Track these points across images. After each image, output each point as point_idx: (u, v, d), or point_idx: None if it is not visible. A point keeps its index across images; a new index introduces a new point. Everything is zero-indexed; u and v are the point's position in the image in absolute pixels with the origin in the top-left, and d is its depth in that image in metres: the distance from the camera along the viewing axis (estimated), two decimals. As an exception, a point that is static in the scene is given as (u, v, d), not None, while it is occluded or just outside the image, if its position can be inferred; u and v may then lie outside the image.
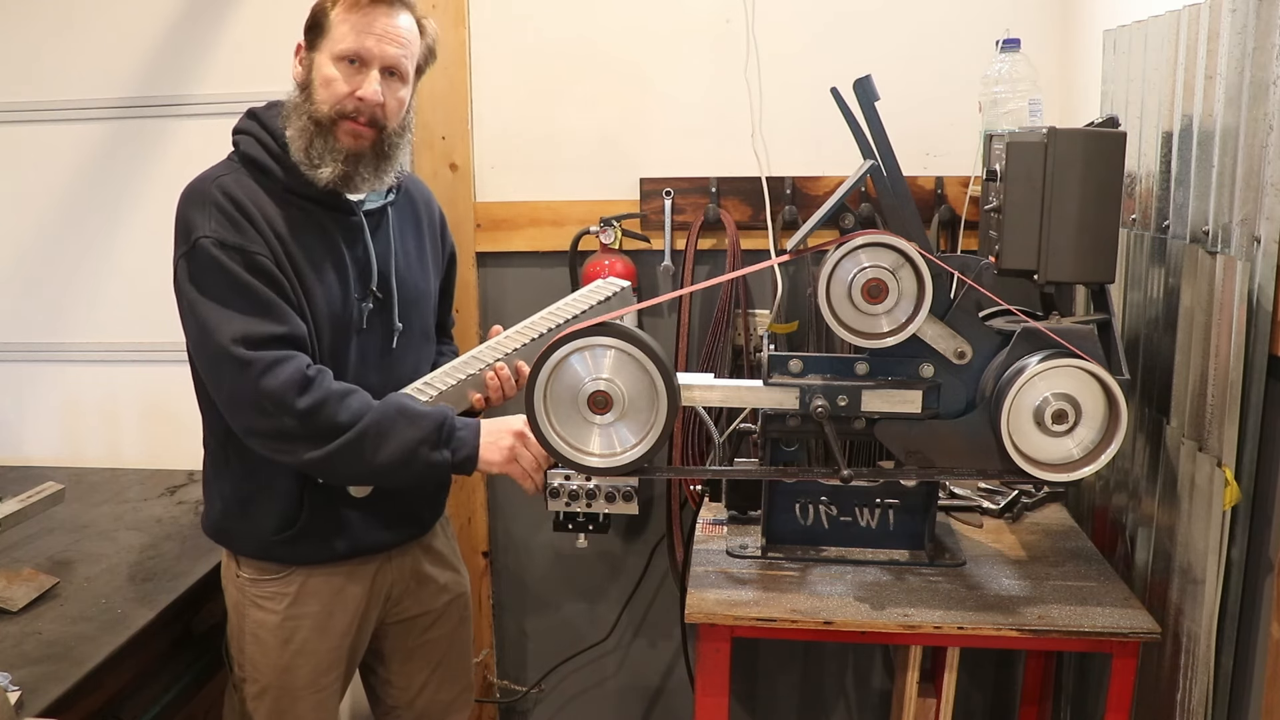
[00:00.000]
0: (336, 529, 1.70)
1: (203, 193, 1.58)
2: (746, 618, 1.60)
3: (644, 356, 1.53)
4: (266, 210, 1.59)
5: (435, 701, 1.94)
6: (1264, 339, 1.41)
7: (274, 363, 1.52)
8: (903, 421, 1.58)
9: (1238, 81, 1.42)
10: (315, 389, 1.53)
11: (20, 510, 1.95)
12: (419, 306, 1.78)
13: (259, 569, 1.73)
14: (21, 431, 2.67)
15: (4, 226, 2.59)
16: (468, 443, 1.60)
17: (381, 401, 1.58)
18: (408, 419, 1.57)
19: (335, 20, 1.58)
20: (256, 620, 1.73)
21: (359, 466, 1.57)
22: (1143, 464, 1.75)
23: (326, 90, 1.59)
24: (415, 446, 1.56)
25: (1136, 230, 1.80)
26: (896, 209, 1.56)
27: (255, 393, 1.52)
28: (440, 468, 1.59)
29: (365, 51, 1.58)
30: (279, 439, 1.55)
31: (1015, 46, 2.07)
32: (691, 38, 2.37)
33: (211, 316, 1.53)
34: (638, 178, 2.42)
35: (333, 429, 1.53)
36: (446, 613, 1.91)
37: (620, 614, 2.63)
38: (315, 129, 1.59)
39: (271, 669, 1.73)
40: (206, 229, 1.54)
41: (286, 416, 1.52)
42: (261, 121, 1.65)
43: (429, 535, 1.89)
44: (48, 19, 2.49)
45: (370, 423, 1.55)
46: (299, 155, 1.60)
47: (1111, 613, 1.59)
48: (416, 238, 1.81)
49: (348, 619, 1.76)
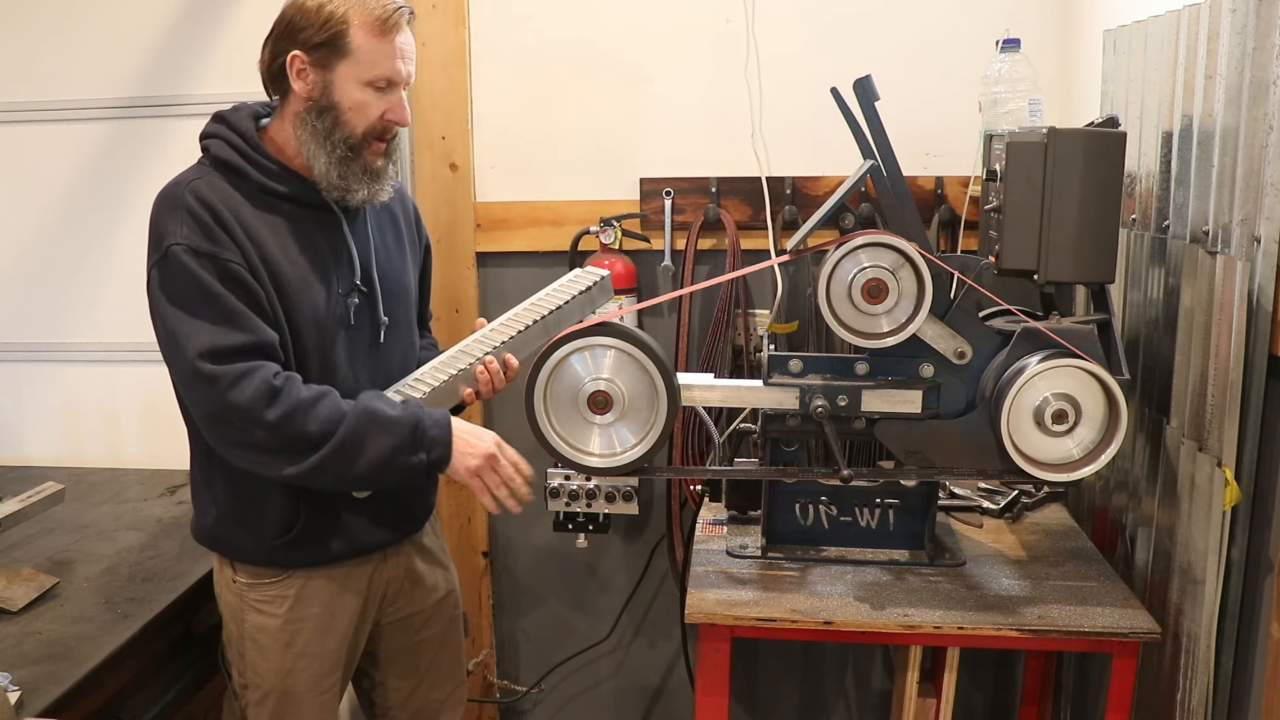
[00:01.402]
0: (334, 530, 1.70)
1: (175, 198, 1.57)
2: (746, 618, 1.60)
3: (644, 356, 1.53)
4: (241, 213, 1.58)
5: (429, 701, 1.94)
6: (1264, 339, 1.41)
7: (240, 376, 1.51)
8: (903, 421, 1.58)
9: (1238, 81, 1.42)
10: (283, 399, 1.52)
11: (20, 510, 1.95)
12: (402, 300, 1.78)
13: (256, 573, 1.71)
14: (21, 431, 2.67)
15: (4, 226, 2.59)
16: (440, 441, 1.60)
17: (352, 407, 1.57)
18: (380, 426, 1.56)
19: (359, 43, 1.56)
20: (256, 625, 1.71)
21: (337, 477, 1.58)
22: (1143, 464, 1.75)
23: (359, 116, 1.59)
24: (391, 454, 1.56)
25: (1136, 230, 1.81)
26: (896, 209, 1.56)
27: (224, 408, 1.51)
28: (417, 470, 1.59)
29: (397, 76, 1.60)
30: (254, 452, 1.55)
31: (1015, 46, 2.07)
32: (691, 37, 2.37)
33: (180, 328, 1.53)
34: (638, 178, 2.42)
35: (304, 439, 1.53)
36: (438, 611, 1.91)
37: (620, 614, 2.63)
38: (351, 156, 1.60)
39: (273, 673, 1.72)
40: (179, 235, 1.53)
41: (257, 429, 1.51)
42: (230, 123, 1.63)
43: (420, 533, 1.89)
44: (47, 19, 2.49)
45: (345, 434, 1.54)
46: (334, 180, 1.60)
47: (1111, 613, 1.59)
48: (395, 231, 1.80)
49: (348, 619, 1.76)
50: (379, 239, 1.74)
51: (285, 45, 1.58)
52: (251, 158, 1.60)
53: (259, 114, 1.67)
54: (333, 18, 1.55)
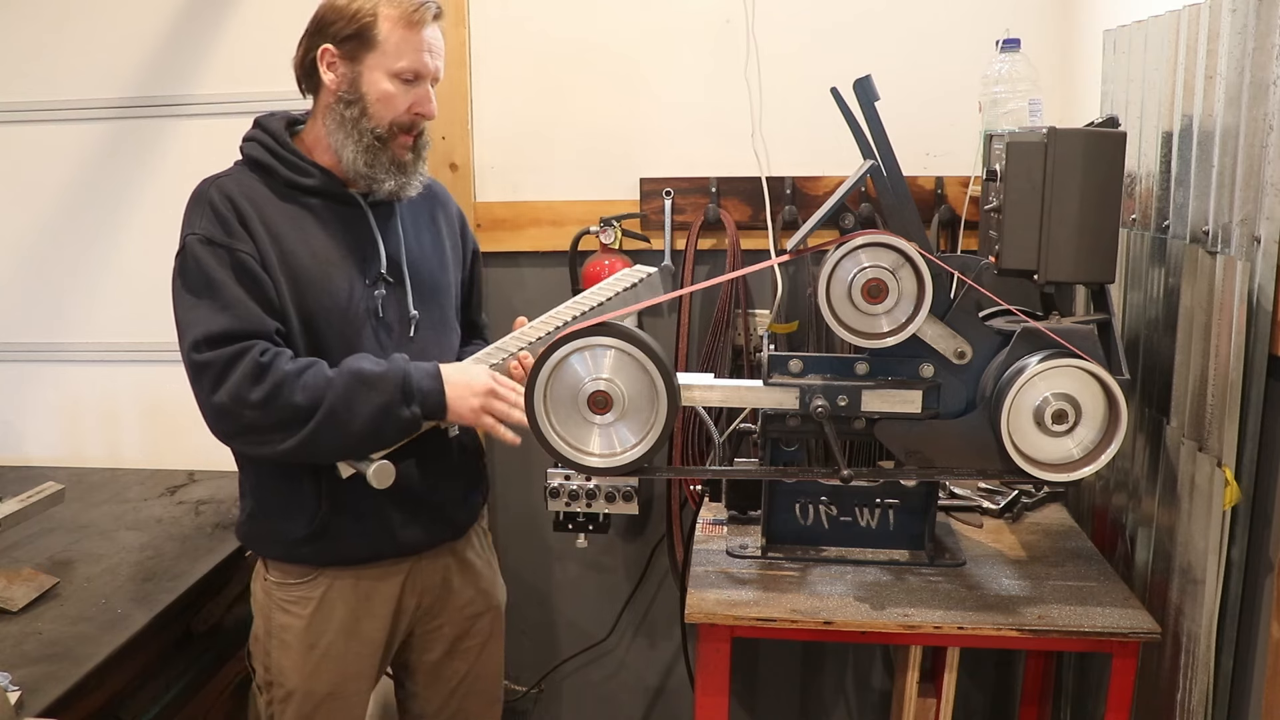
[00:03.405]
0: (361, 529, 1.70)
1: (203, 194, 1.63)
2: (746, 618, 1.60)
3: (644, 356, 1.53)
4: (264, 208, 1.62)
5: (461, 711, 1.93)
6: (1264, 339, 1.41)
7: (229, 361, 1.53)
8: (903, 421, 1.58)
9: (1238, 81, 1.42)
10: (269, 376, 1.54)
11: (20, 510, 1.95)
12: (437, 297, 1.78)
13: (285, 572, 1.73)
14: (21, 431, 2.67)
15: (4, 226, 2.59)
16: (431, 390, 1.60)
17: (337, 372, 1.58)
18: (368, 385, 1.56)
19: (387, 35, 1.61)
20: (282, 625, 1.72)
21: (334, 444, 1.58)
22: (1143, 464, 1.75)
23: (386, 106, 1.63)
24: (382, 410, 1.56)
25: (1136, 230, 1.81)
26: (896, 209, 1.56)
27: (214, 396, 1.54)
28: (413, 423, 1.59)
29: (424, 69, 1.64)
30: (248, 433, 1.57)
31: (1015, 47, 2.07)
32: (691, 38, 2.37)
33: (184, 315, 1.58)
34: (638, 178, 2.42)
35: (294, 412, 1.54)
36: (476, 627, 1.90)
37: (620, 614, 2.63)
38: (379, 145, 1.64)
39: (296, 674, 1.72)
40: (197, 227, 1.59)
41: (246, 410, 1.53)
42: (263, 126, 1.70)
43: (463, 545, 1.87)
44: (47, 18, 2.49)
45: (334, 398, 1.55)
46: (361, 169, 1.64)
47: (1111, 613, 1.59)
48: (432, 231, 1.82)
49: (375, 625, 1.75)
50: (412, 234, 1.77)
51: (317, 40, 1.64)
52: (279, 154, 1.66)
53: (294, 120, 1.73)
54: (361, 11, 1.61)
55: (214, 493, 2.39)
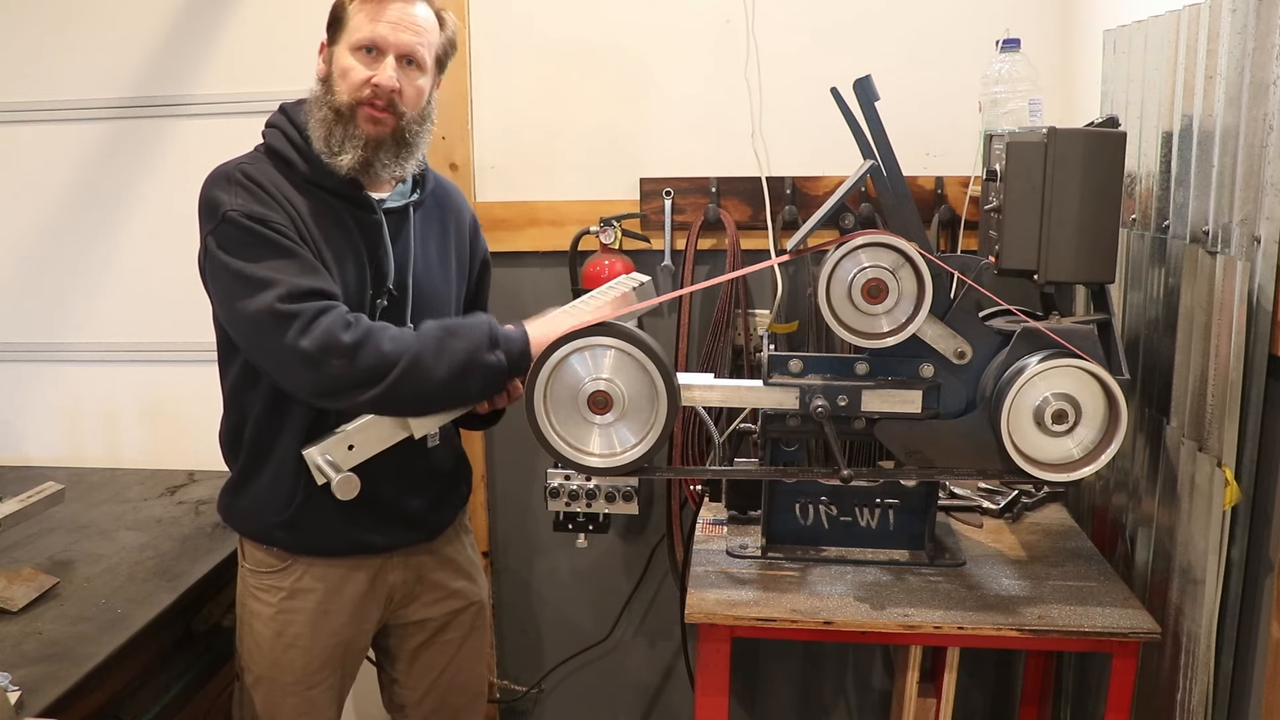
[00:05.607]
0: (334, 521, 1.70)
1: (226, 174, 1.62)
2: (746, 618, 1.60)
3: (644, 356, 1.53)
4: (289, 197, 1.62)
5: (444, 704, 1.93)
6: (1264, 339, 1.41)
7: (318, 313, 1.53)
8: (903, 421, 1.58)
9: (1238, 81, 1.42)
10: (359, 325, 1.54)
11: (20, 510, 1.95)
12: (435, 310, 1.78)
13: (258, 560, 1.75)
14: (21, 431, 2.67)
15: (4, 226, 2.59)
16: (516, 338, 1.60)
17: (425, 326, 1.60)
18: (452, 334, 1.57)
19: (352, 12, 1.63)
20: (252, 611, 1.76)
21: (420, 390, 1.56)
22: (1143, 464, 1.75)
23: (344, 80, 1.62)
24: (468, 356, 1.56)
25: (1136, 230, 1.81)
26: (896, 209, 1.56)
27: (301, 341, 1.52)
28: (498, 369, 1.58)
29: (380, 39, 1.61)
30: (333, 383, 1.54)
31: (1015, 46, 2.07)
32: (691, 37, 2.37)
33: (253, 277, 1.55)
34: (638, 178, 2.42)
35: (381, 360, 1.53)
36: (456, 621, 1.90)
37: (620, 614, 2.63)
38: (335, 118, 1.63)
39: (264, 661, 1.75)
40: (233, 204, 1.57)
41: (335, 358, 1.51)
42: (289, 115, 1.69)
43: (440, 542, 1.87)
44: (47, 18, 2.49)
45: (420, 347, 1.55)
46: (320, 145, 1.63)
47: (1111, 613, 1.59)
48: (440, 241, 1.81)
49: (343, 617, 1.76)
50: (420, 245, 1.76)
51: None
52: (301, 149, 1.66)
53: None
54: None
55: (214, 493, 2.36)
